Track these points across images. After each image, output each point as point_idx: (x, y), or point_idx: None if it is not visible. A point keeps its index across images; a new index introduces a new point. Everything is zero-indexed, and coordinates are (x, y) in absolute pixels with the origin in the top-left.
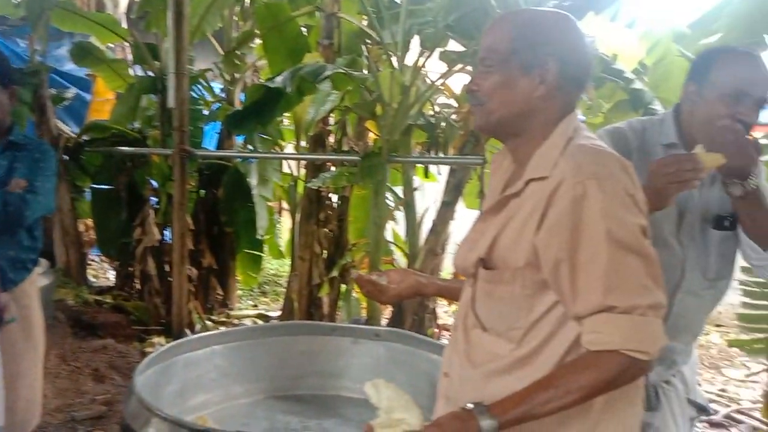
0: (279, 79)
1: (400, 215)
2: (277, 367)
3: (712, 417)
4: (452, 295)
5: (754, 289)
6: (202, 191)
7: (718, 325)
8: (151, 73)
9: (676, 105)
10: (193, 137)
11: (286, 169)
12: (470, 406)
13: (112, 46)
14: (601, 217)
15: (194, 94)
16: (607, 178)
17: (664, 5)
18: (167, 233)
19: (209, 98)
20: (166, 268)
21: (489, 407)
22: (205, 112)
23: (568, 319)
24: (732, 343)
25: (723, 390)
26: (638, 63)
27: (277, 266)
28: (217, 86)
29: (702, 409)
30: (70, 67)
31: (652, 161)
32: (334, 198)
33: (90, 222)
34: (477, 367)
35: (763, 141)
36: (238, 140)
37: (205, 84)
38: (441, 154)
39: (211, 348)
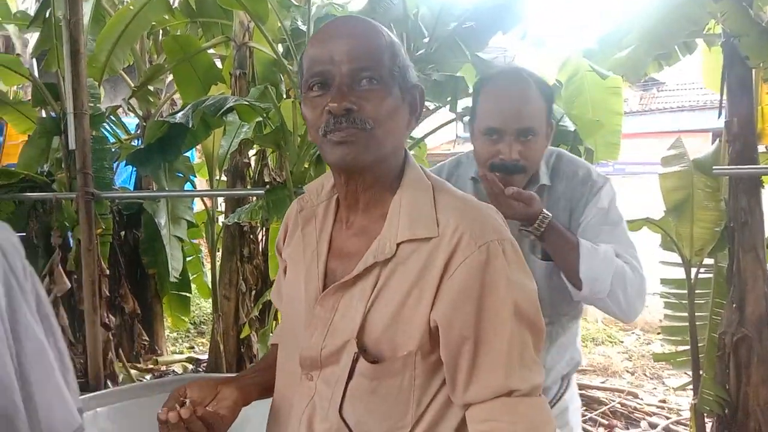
0: (180, 114)
1: None
2: None
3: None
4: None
5: (673, 301)
6: (122, 233)
7: (659, 333)
8: (54, 114)
9: None
10: (103, 178)
11: (201, 206)
12: None
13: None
14: (507, 287)
15: (107, 133)
16: (504, 239)
17: (571, 22)
18: None
19: (123, 136)
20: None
21: None
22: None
23: (451, 404)
24: (657, 358)
25: (663, 401)
26: (555, 80)
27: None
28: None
29: None
30: None
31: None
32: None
33: None
34: None
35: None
36: None
37: (116, 121)
38: None
39: (93, 411)
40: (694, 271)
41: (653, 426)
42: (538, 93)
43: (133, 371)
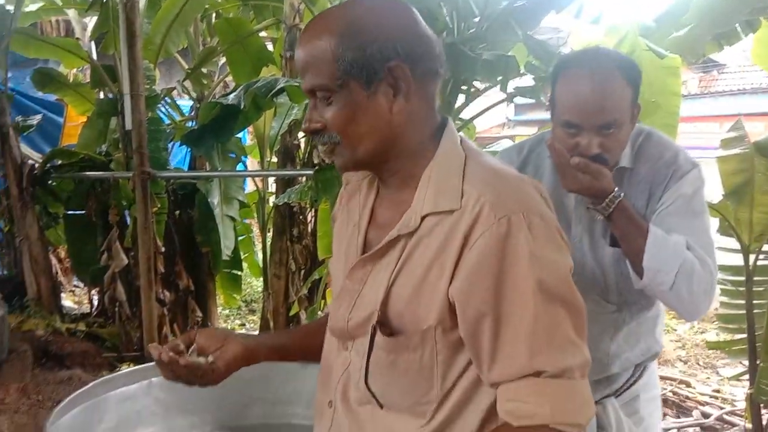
0: (232, 95)
1: None
2: (222, 397)
3: (704, 421)
4: (296, 354)
5: (730, 288)
6: (177, 212)
7: (714, 321)
8: (111, 96)
9: None
10: (159, 158)
11: (253, 186)
12: None
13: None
14: (530, 263)
15: (162, 114)
16: (531, 211)
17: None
18: None
19: (178, 117)
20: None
21: None
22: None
23: (482, 383)
24: (711, 346)
25: (717, 391)
26: None
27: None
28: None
29: None
30: None
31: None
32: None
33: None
34: None
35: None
36: None
37: (171, 103)
38: None
39: (148, 380)
40: (752, 257)
41: (706, 415)
42: (621, 79)
43: None
